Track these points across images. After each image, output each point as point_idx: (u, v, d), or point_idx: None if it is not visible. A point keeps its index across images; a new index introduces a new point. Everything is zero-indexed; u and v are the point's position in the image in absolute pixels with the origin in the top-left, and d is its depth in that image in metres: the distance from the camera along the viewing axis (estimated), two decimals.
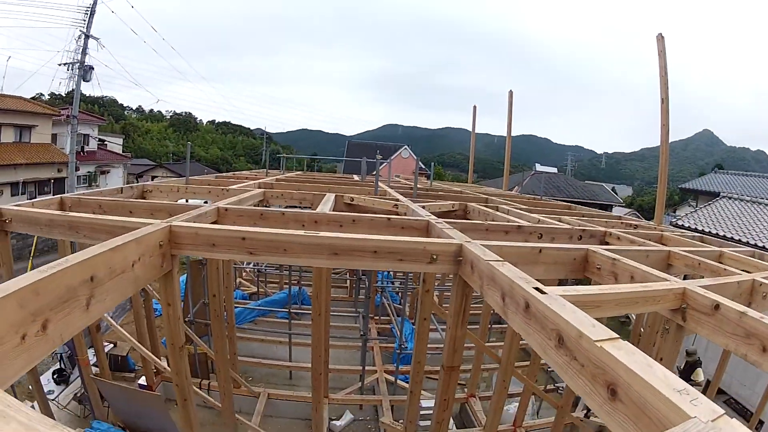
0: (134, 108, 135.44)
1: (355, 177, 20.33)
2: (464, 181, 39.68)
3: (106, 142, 57.41)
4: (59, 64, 33.90)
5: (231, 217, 6.34)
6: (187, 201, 12.07)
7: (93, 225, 4.81)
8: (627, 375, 2.03)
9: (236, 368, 11.82)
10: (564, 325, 2.53)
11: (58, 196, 7.05)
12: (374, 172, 13.07)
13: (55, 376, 11.56)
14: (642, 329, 9.58)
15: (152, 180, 66.53)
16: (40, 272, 2.70)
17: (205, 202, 14.66)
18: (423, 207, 8.38)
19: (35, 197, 34.08)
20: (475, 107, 27.40)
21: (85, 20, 33.37)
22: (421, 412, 10.07)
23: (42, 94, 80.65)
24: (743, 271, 6.06)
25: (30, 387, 10.14)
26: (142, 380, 11.94)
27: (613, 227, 9.09)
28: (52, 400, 10.29)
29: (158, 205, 6.68)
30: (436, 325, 11.53)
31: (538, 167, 57.25)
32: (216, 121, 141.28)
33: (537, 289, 3.01)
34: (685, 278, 4.54)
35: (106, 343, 12.02)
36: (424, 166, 60.87)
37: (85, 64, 33.86)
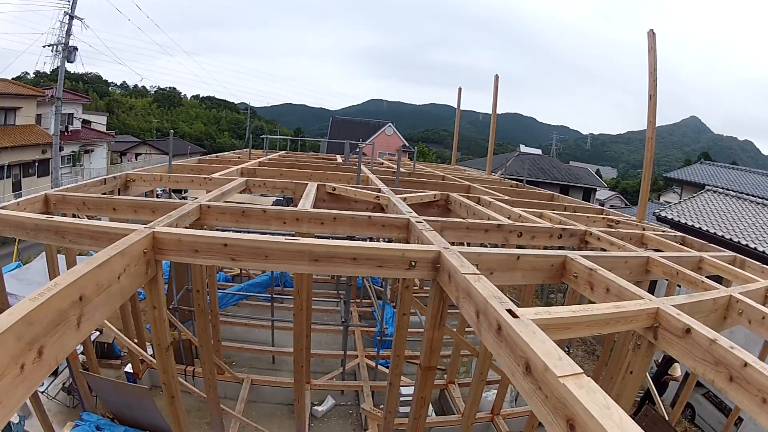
0: (118, 84, 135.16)
1: (339, 158, 20.34)
2: (448, 159, 39.78)
3: (90, 121, 56.94)
4: (43, 46, 33.45)
5: (213, 215, 6.36)
6: (170, 192, 12.05)
7: (78, 230, 4.84)
8: (585, 415, 2.09)
9: (220, 354, 11.88)
10: (532, 355, 2.57)
11: (43, 193, 6.98)
12: (356, 150, 13.05)
13: None
14: (615, 339, 9.65)
15: (136, 158, 66.33)
16: (32, 300, 2.73)
17: (185, 193, 14.64)
18: (404, 199, 8.38)
19: (20, 180, 33.85)
20: (460, 89, 27.23)
21: (69, 1, 32.92)
22: (401, 399, 10.16)
23: (27, 73, 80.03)
24: (722, 278, 6.16)
25: None
26: (129, 367, 11.97)
27: (595, 223, 9.18)
28: (42, 391, 10.34)
29: (141, 202, 6.66)
30: (415, 310, 11.59)
31: (523, 148, 57.18)
32: (200, 96, 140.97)
33: (510, 311, 3.04)
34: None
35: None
36: (407, 144, 61.04)
37: (70, 45, 33.40)
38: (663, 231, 9.92)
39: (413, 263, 4.47)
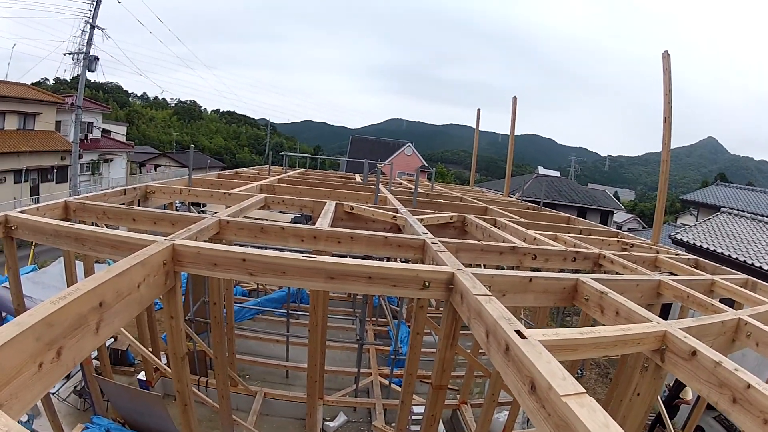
0: (139, 95, 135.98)
1: (357, 177, 20.41)
2: (466, 180, 39.84)
3: (110, 131, 57.46)
4: (64, 54, 33.71)
5: (232, 230, 6.50)
6: (189, 205, 12.18)
7: (98, 239, 4.98)
8: None
9: (234, 367, 11.89)
10: (537, 375, 2.68)
11: (63, 200, 7.17)
12: (375, 170, 13.15)
13: None
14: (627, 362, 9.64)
15: (155, 169, 66.71)
16: (53, 303, 2.88)
17: (204, 207, 14.78)
18: (421, 220, 8.46)
19: (38, 185, 34.11)
20: (479, 111, 27.29)
21: (91, 10, 33.25)
22: (413, 417, 10.21)
23: (47, 79, 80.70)
24: (733, 301, 6.19)
25: None
26: (142, 375, 12.04)
27: (609, 246, 9.20)
28: (53, 393, 10.42)
29: (161, 215, 6.83)
30: (429, 330, 11.63)
31: (541, 170, 57.31)
32: (220, 111, 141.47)
33: (518, 332, 3.14)
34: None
35: None
36: (426, 164, 61.13)
37: (90, 54, 33.69)
38: (677, 254, 9.94)
39: (427, 283, 4.56)
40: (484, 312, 3.64)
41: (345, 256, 6.43)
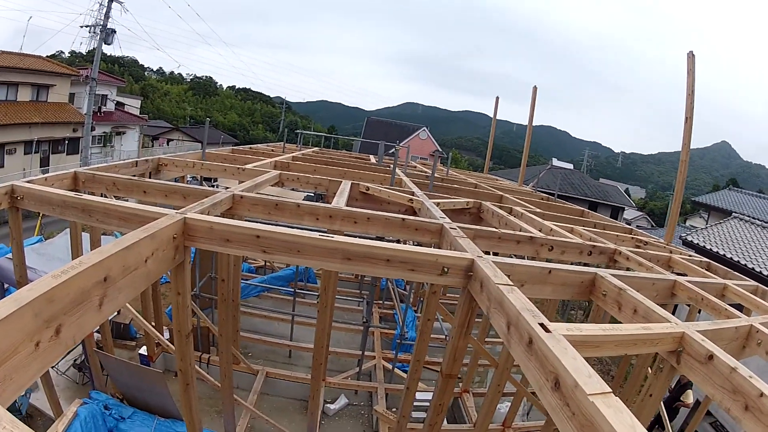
0: (155, 69, 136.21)
1: (372, 158, 20.31)
2: (480, 167, 39.85)
3: (124, 104, 57.51)
4: (81, 26, 33.67)
5: (246, 205, 6.41)
6: (201, 179, 12.11)
7: (107, 210, 4.87)
8: None
9: (237, 344, 11.85)
10: (562, 371, 2.59)
11: (72, 170, 7.08)
12: (391, 152, 13.07)
13: None
14: (632, 361, 9.56)
15: (168, 143, 66.78)
16: (55, 278, 2.74)
17: (215, 182, 14.70)
18: (437, 204, 8.38)
19: (48, 156, 34.24)
20: (497, 98, 27.05)
21: None
22: (415, 403, 10.18)
23: (62, 52, 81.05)
24: (744, 307, 6.12)
25: None
26: (143, 350, 12.01)
27: (623, 243, 9.12)
28: (52, 366, 10.41)
29: (172, 187, 6.73)
30: (437, 316, 11.58)
31: (555, 162, 56.91)
32: (236, 87, 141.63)
33: (542, 325, 3.06)
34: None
35: None
36: (440, 149, 61.02)
37: (108, 27, 33.63)
38: (689, 255, 9.83)
39: (446, 269, 4.48)
40: (506, 302, 3.55)
41: (358, 237, 6.37)
